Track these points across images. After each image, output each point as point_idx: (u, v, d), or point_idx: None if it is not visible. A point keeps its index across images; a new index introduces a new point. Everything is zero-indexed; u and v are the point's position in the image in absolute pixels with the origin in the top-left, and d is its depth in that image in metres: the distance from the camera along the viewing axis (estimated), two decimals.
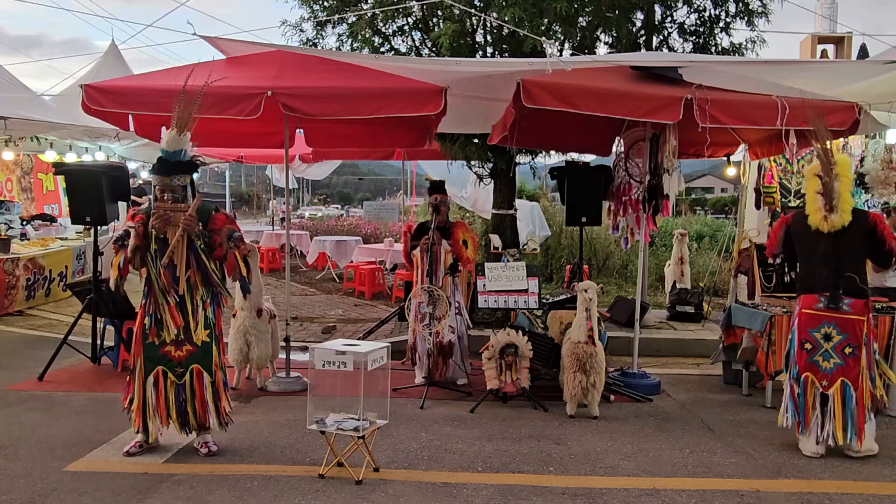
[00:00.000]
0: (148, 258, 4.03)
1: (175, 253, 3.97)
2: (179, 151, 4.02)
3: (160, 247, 3.99)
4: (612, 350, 6.52)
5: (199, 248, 4.01)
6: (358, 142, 7.49)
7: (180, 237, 3.95)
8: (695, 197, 41.33)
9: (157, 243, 4.00)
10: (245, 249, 4.19)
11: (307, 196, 52.02)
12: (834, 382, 4.28)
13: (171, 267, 3.99)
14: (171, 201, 3.98)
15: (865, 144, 7.61)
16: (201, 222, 4.04)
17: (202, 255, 4.01)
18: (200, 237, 4.02)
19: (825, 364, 4.31)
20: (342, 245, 12.54)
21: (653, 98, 4.98)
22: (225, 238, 4.07)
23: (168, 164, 4.01)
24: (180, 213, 3.96)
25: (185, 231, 3.95)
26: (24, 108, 7.76)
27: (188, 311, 4.05)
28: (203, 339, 4.09)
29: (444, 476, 3.91)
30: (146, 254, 4.02)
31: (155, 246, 4.00)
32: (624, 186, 5.98)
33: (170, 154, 4.01)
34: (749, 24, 7.70)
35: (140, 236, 3.99)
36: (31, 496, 3.54)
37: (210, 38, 5.54)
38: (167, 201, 3.98)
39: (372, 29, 7.70)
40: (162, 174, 4.00)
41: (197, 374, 4.09)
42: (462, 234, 5.80)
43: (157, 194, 4.02)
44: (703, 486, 3.84)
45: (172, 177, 4.00)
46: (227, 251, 4.07)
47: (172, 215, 3.96)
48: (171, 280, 3.99)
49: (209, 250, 4.05)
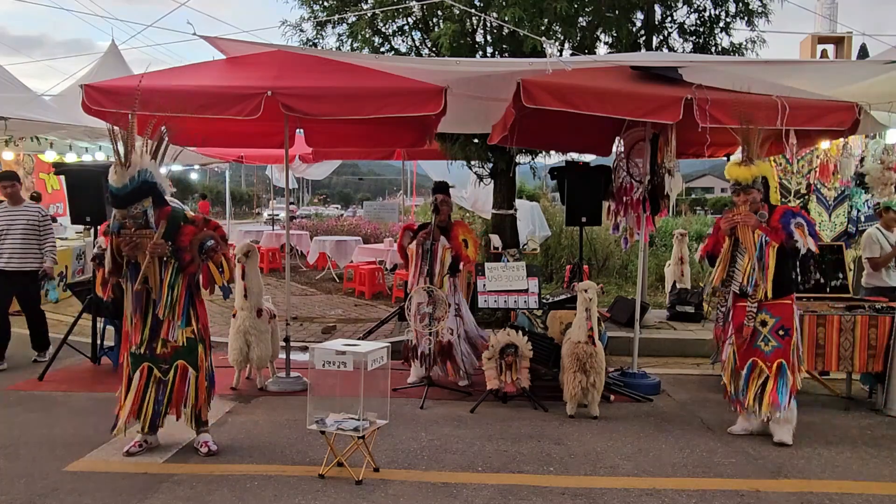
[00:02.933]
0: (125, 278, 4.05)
1: (150, 276, 3.97)
2: (128, 183, 3.86)
3: (132, 271, 4.00)
4: (612, 350, 6.52)
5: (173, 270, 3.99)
6: (358, 142, 7.49)
7: (149, 263, 3.94)
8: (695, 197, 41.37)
9: (128, 267, 4.01)
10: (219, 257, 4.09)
11: (307, 196, 52.06)
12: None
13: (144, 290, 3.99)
14: (134, 227, 3.94)
15: (865, 144, 7.61)
16: (171, 238, 3.98)
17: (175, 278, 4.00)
18: (172, 257, 3.99)
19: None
20: (342, 245, 12.55)
21: (653, 98, 4.98)
22: (196, 252, 4.03)
23: (119, 199, 3.91)
24: (146, 239, 3.93)
25: (154, 256, 3.94)
26: (24, 108, 7.77)
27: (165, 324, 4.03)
28: (187, 335, 4.08)
29: (444, 476, 3.91)
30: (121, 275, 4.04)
31: (126, 269, 4.02)
32: (625, 187, 5.98)
33: (118, 189, 3.88)
34: (749, 24, 7.71)
35: (112, 261, 4.00)
36: (31, 496, 3.54)
37: (210, 38, 5.54)
38: (131, 227, 3.94)
39: (372, 29, 7.71)
40: (118, 207, 3.95)
41: (181, 369, 4.09)
42: (462, 232, 5.80)
43: (121, 222, 3.96)
44: (703, 486, 3.84)
45: (129, 208, 3.92)
46: (199, 265, 4.04)
47: (140, 241, 3.93)
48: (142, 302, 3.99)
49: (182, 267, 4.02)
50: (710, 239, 4.84)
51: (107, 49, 9.90)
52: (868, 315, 5.25)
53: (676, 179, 5.56)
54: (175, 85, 5.13)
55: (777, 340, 4.51)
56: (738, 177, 4.54)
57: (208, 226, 4.15)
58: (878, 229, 6.25)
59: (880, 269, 6.18)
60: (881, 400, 5.33)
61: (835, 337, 5.24)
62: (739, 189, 4.53)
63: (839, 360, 5.26)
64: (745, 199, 4.50)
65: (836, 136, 5.74)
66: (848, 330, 5.23)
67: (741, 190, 4.52)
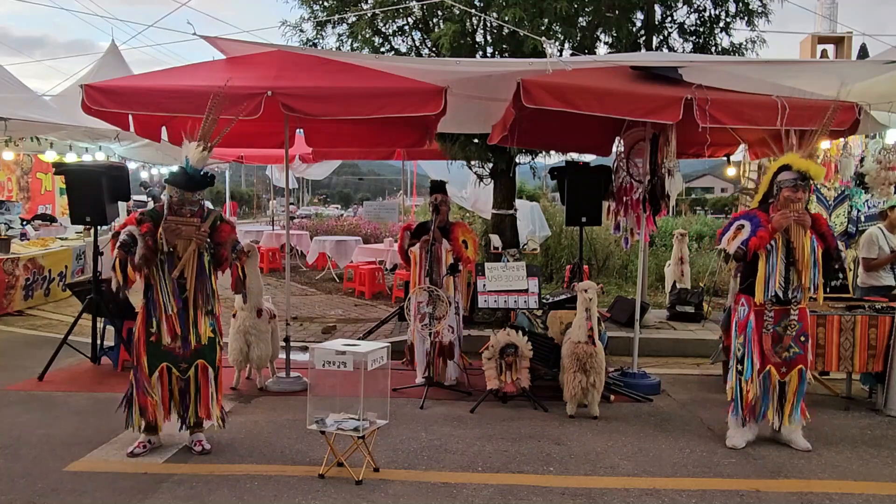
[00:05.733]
0: (154, 267, 4.01)
1: (186, 267, 4.00)
2: (203, 170, 4.04)
3: (168, 258, 4.00)
4: (612, 350, 6.51)
5: (206, 263, 4.06)
6: (358, 142, 7.48)
7: (192, 252, 3.98)
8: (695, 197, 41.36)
9: (164, 254, 4.00)
10: (244, 259, 4.25)
11: (307, 196, 52.04)
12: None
13: (180, 279, 4.01)
14: (189, 214, 4.00)
15: (865, 144, 7.62)
16: (210, 234, 4.07)
17: (206, 269, 4.06)
18: (208, 250, 4.06)
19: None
20: (342, 245, 12.55)
21: (653, 98, 4.97)
22: (230, 251, 4.15)
23: (192, 181, 4.01)
24: (192, 228, 3.97)
25: (197, 245, 3.99)
26: (24, 108, 7.76)
27: (190, 319, 4.06)
28: (209, 334, 4.14)
29: (444, 476, 3.91)
30: (153, 263, 4.01)
31: (162, 257, 4.00)
32: (625, 187, 5.98)
33: (196, 171, 4.01)
34: (749, 24, 7.71)
35: (149, 247, 3.95)
36: (31, 496, 3.54)
37: (210, 38, 5.54)
38: (185, 214, 3.99)
39: (372, 29, 7.70)
40: (185, 188, 4.00)
41: (202, 368, 4.13)
42: (462, 233, 5.80)
43: (175, 206, 4.01)
44: (703, 486, 3.84)
45: (195, 192, 4.03)
46: (231, 263, 4.14)
47: (184, 229, 3.97)
48: (177, 292, 4.01)
49: (216, 263, 4.11)
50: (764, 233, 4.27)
51: (107, 49, 9.90)
52: (868, 315, 5.25)
53: (677, 179, 5.55)
54: (175, 85, 5.13)
55: (798, 346, 4.40)
56: (810, 171, 4.25)
57: (234, 230, 4.28)
58: (880, 229, 6.24)
59: (875, 271, 6.13)
60: (881, 400, 5.33)
61: (835, 337, 5.23)
62: (804, 185, 4.24)
63: (839, 360, 5.25)
64: (804, 196, 4.26)
65: (836, 136, 5.74)
66: (848, 330, 5.23)
67: (805, 186, 4.24)
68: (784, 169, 4.34)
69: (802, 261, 4.26)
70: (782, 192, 4.29)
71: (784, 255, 4.31)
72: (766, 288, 4.34)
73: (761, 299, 4.35)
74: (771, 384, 4.44)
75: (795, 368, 4.41)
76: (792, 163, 4.30)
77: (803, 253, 4.25)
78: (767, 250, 4.31)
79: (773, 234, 4.28)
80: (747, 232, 4.32)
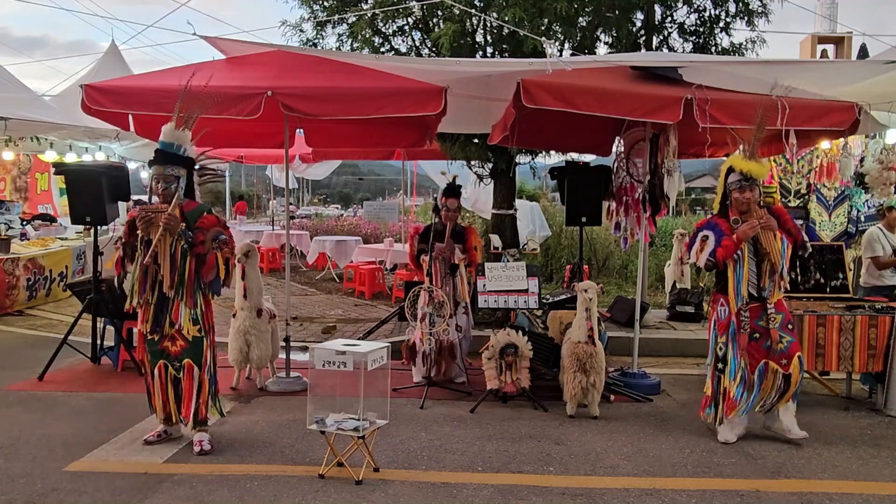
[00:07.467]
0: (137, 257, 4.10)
1: (158, 252, 4.03)
2: (176, 145, 4.16)
3: (145, 248, 4.06)
4: (612, 350, 6.51)
5: (181, 249, 4.07)
6: (358, 142, 7.48)
7: (161, 236, 4.01)
8: (695, 197, 41.31)
9: (142, 244, 4.07)
10: (228, 253, 4.21)
11: (307, 196, 52.04)
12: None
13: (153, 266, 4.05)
14: (163, 190, 4.10)
15: (865, 144, 7.62)
16: (191, 223, 4.11)
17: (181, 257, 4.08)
18: (183, 236, 4.07)
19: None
20: (342, 245, 12.54)
21: (653, 98, 4.97)
22: (210, 238, 4.13)
23: (164, 154, 4.14)
24: (160, 214, 4.02)
25: (167, 230, 4.00)
26: (24, 108, 7.77)
27: (169, 308, 4.10)
28: (193, 333, 4.15)
29: (444, 476, 3.91)
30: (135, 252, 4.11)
31: (141, 247, 4.08)
32: (625, 187, 5.98)
33: (165, 145, 4.15)
34: (749, 24, 7.71)
35: (127, 234, 4.11)
36: (31, 496, 3.54)
37: (210, 38, 5.54)
38: (159, 190, 4.11)
39: (372, 29, 7.70)
40: (157, 163, 4.15)
41: (188, 368, 4.16)
42: (475, 240, 5.85)
43: (153, 185, 4.17)
44: (703, 486, 3.84)
45: (166, 166, 4.13)
46: (209, 250, 4.12)
47: (155, 216, 4.02)
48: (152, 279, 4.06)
49: (191, 247, 4.09)
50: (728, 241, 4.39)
51: (107, 49, 9.90)
52: (868, 315, 5.25)
53: (677, 179, 5.55)
54: (175, 85, 5.12)
55: (790, 335, 4.49)
56: (752, 171, 4.40)
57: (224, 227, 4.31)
58: (880, 229, 6.25)
59: (885, 269, 6.17)
60: (881, 400, 5.33)
61: (835, 337, 5.23)
62: (749, 184, 4.39)
63: (839, 360, 5.25)
64: (752, 195, 4.39)
65: (836, 136, 5.74)
66: (848, 330, 5.23)
67: (750, 186, 4.39)
68: (730, 171, 4.50)
69: (777, 263, 4.36)
70: (732, 195, 4.47)
71: (753, 255, 4.43)
72: (737, 295, 4.44)
73: (735, 308, 4.45)
74: (774, 379, 4.47)
75: (794, 356, 4.47)
76: (734, 164, 4.47)
77: (777, 257, 4.35)
78: (735, 259, 4.42)
79: (739, 244, 4.40)
80: (712, 243, 4.47)
